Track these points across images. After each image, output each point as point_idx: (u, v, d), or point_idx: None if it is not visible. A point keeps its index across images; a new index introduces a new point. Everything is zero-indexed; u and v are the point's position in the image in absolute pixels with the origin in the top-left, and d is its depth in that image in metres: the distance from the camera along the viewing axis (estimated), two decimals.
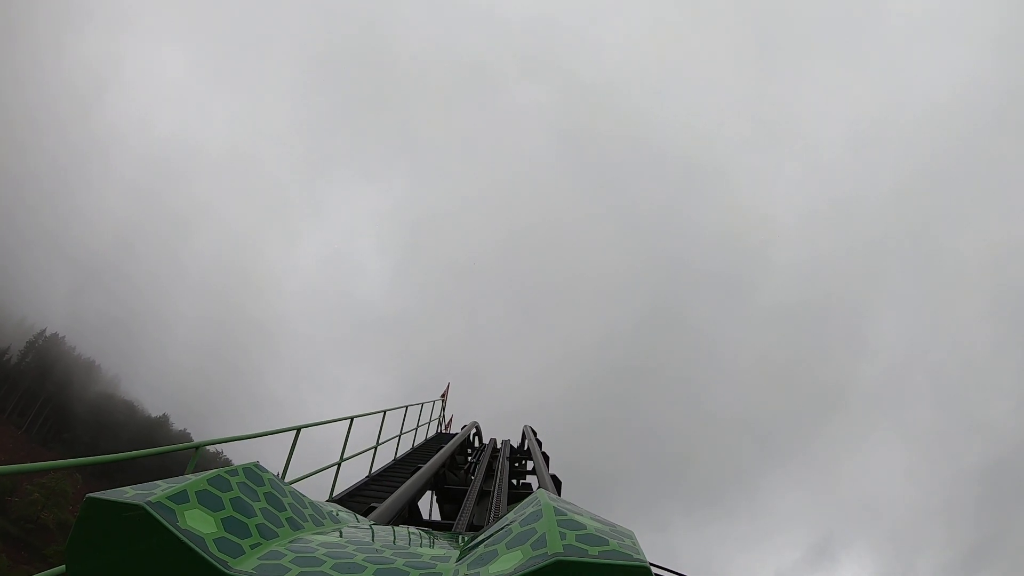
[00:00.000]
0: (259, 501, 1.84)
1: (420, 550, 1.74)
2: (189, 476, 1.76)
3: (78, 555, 1.66)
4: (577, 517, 1.62)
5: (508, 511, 1.76)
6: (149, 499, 1.62)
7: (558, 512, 1.60)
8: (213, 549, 1.57)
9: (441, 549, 1.76)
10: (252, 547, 1.66)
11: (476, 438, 18.84)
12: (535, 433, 16.27)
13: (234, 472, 1.86)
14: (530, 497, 1.78)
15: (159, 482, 1.77)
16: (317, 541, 1.75)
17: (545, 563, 1.42)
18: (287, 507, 1.90)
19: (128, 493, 1.70)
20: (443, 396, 27.08)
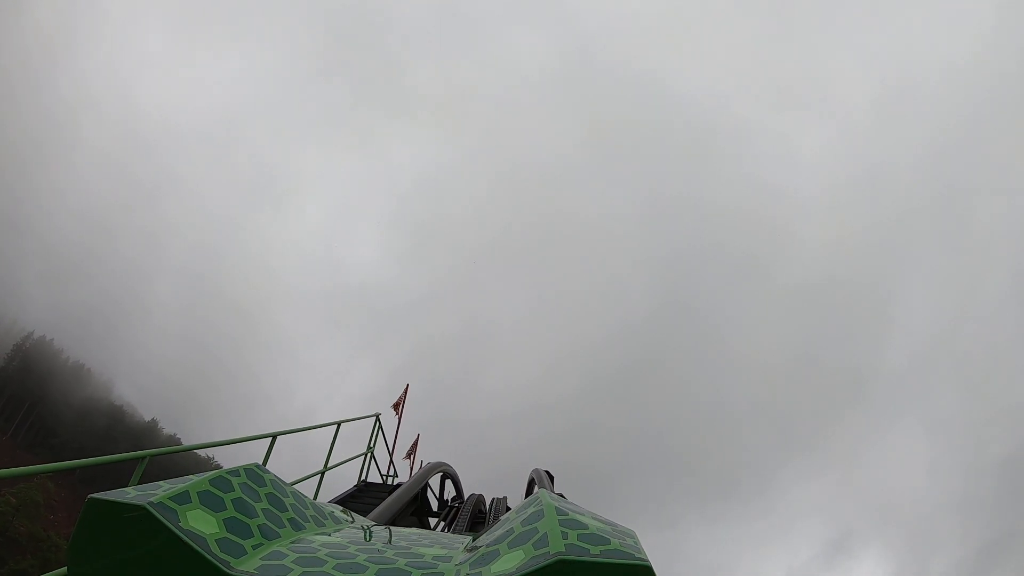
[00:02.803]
0: (261, 502, 1.85)
1: (422, 550, 1.75)
2: (191, 477, 1.77)
3: (80, 556, 1.66)
4: (579, 516, 1.64)
5: (509, 511, 1.79)
6: (151, 499, 1.63)
7: (560, 512, 1.62)
8: (215, 549, 1.57)
9: (443, 549, 1.78)
10: (254, 547, 1.67)
11: (446, 484, 13.00)
12: (553, 481, 11.52)
13: (236, 473, 1.87)
14: (531, 497, 1.80)
15: (161, 483, 1.78)
16: (319, 541, 1.77)
17: (547, 562, 1.43)
18: (288, 507, 1.91)
19: (130, 494, 1.71)
20: (397, 407, 17.33)
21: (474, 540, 1.80)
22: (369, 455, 12.16)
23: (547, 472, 11.67)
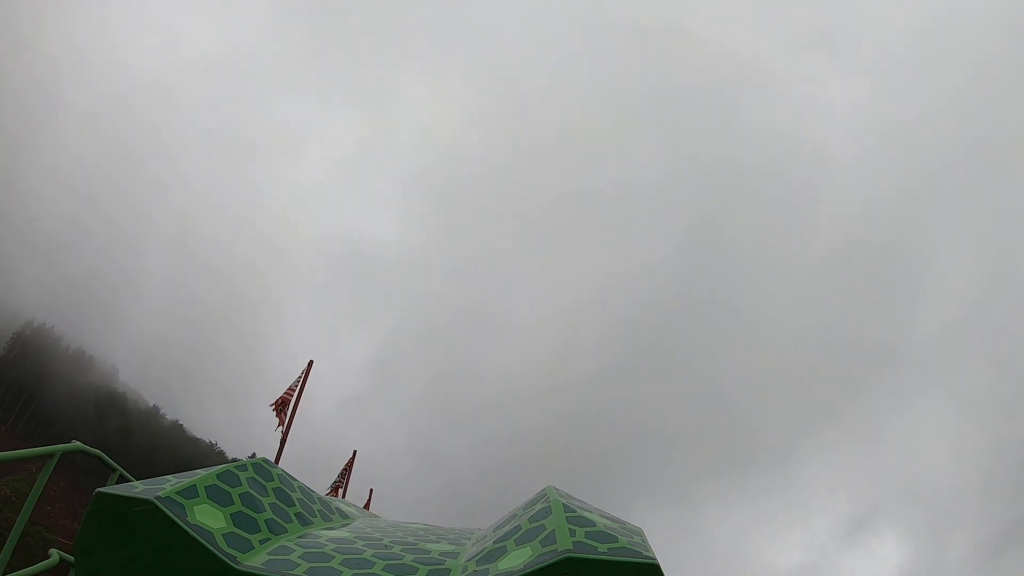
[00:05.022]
0: (268, 496, 1.88)
1: (429, 546, 1.77)
2: (199, 471, 1.79)
3: (87, 550, 1.67)
4: (586, 514, 1.65)
5: (516, 508, 1.81)
6: (158, 494, 1.64)
7: (567, 509, 1.63)
8: (222, 544, 1.58)
9: (450, 545, 1.80)
10: (261, 542, 1.69)
11: None
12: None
13: (243, 467, 1.89)
14: (539, 494, 1.81)
15: (168, 477, 1.79)
16: (326, 536, 1.79)
17: (554, 560, 1.44)
18: (296, 502, 1.94)
19: (137, 488, 1.72)
20: (281, 407, 12.33)
21: (481, 536, 1.82)
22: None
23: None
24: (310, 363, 15.09)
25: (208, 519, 1.55)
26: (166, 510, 1.48)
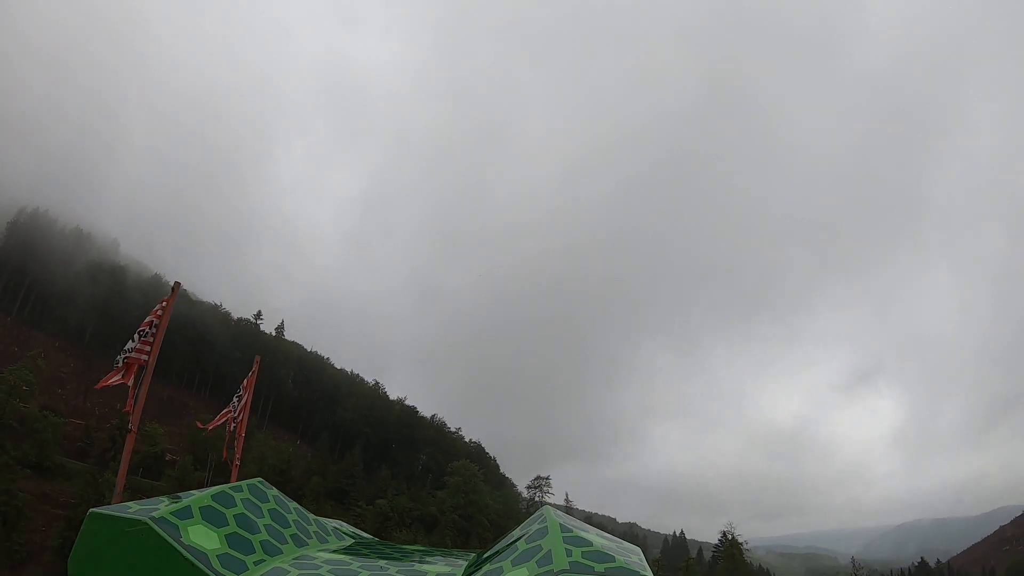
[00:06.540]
0: (263, 517, 1.86)
1: (425, 567, 1.76)
2: (193, 492, 1.78)
3: (81, 570, 1.65)
4: (583, 534, 1.64)
5: (514, 529, 1.81)
6: (153, 514, 1.62)
7: (564, 529, 1.63)
8: (216, 565, 1.57)
9: (446, 566, 1.79)
10: (256, 563, 1.68)
11: None
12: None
13: (238, 488, 1.89)
14: (536, 514, 1.81)
15: (163, 497, 1.79)
16: (321, 558, 1.78)
17: None
18: (291, 523, 1.93)
19: (132, 508, 1.70)
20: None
21: (478, 557, 1.82)
22: None
23: None
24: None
25: (203, 540, 1.54)
26: (160, 530, 1.48)
